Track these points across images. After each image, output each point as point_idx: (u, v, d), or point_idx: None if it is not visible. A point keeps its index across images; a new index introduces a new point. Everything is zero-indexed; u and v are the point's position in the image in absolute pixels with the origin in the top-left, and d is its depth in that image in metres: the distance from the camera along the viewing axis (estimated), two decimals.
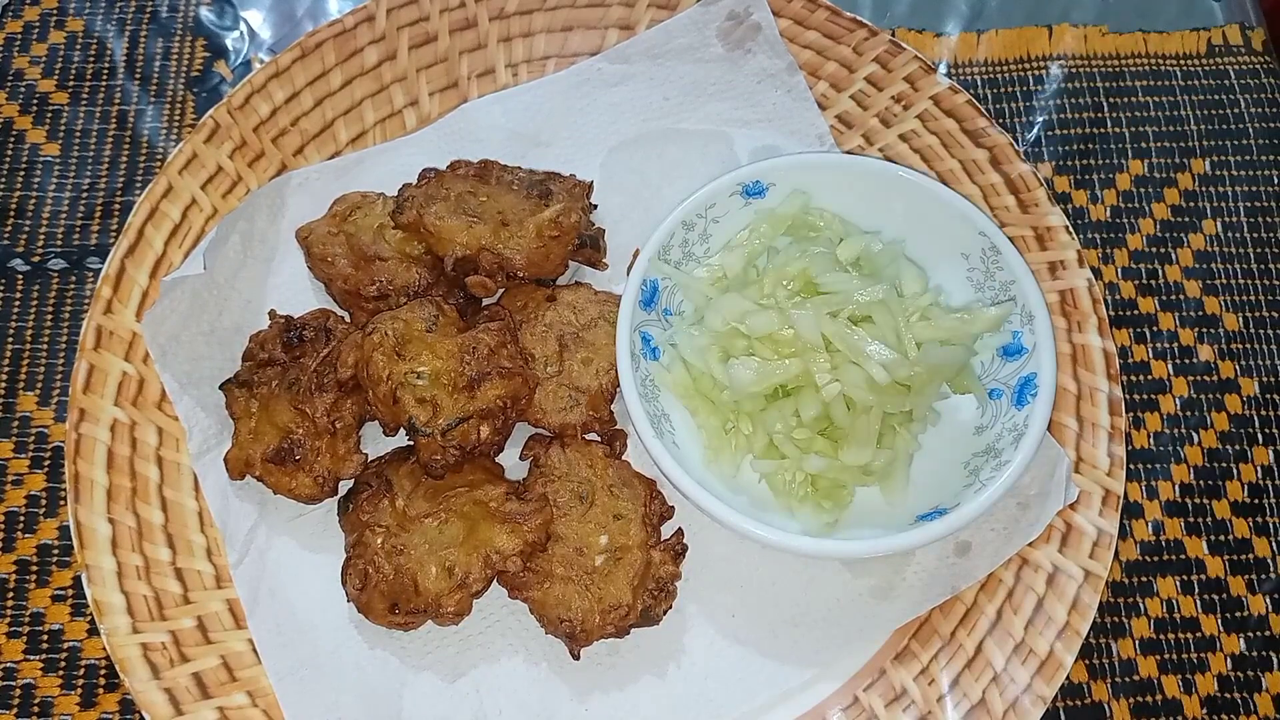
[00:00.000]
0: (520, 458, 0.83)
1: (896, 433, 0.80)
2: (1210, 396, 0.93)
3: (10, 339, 0.93)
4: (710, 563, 0.82)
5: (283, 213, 0.92)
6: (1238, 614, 0.86)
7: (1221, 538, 0.89)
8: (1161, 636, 0.86)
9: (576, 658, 0.77)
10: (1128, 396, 0.92)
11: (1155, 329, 0.95)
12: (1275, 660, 0.85)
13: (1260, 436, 0.92)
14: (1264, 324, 0.95)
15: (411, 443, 0.78)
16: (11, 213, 0.97)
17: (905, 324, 0.80)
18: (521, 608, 0.79)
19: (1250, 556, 0.88)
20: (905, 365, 0.77)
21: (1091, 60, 1.05)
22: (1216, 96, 1.03)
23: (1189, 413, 0.92)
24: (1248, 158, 1.01)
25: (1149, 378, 0.93)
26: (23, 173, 0.99)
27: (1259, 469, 0.91)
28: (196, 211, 0.92)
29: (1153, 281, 0.97)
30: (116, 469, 0.84)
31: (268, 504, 0.83)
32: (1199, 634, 0.86)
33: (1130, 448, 0.90)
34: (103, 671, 0.83)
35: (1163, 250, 0.98)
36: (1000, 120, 1.02)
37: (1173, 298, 0.96)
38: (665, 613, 0.78)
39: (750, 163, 0.87)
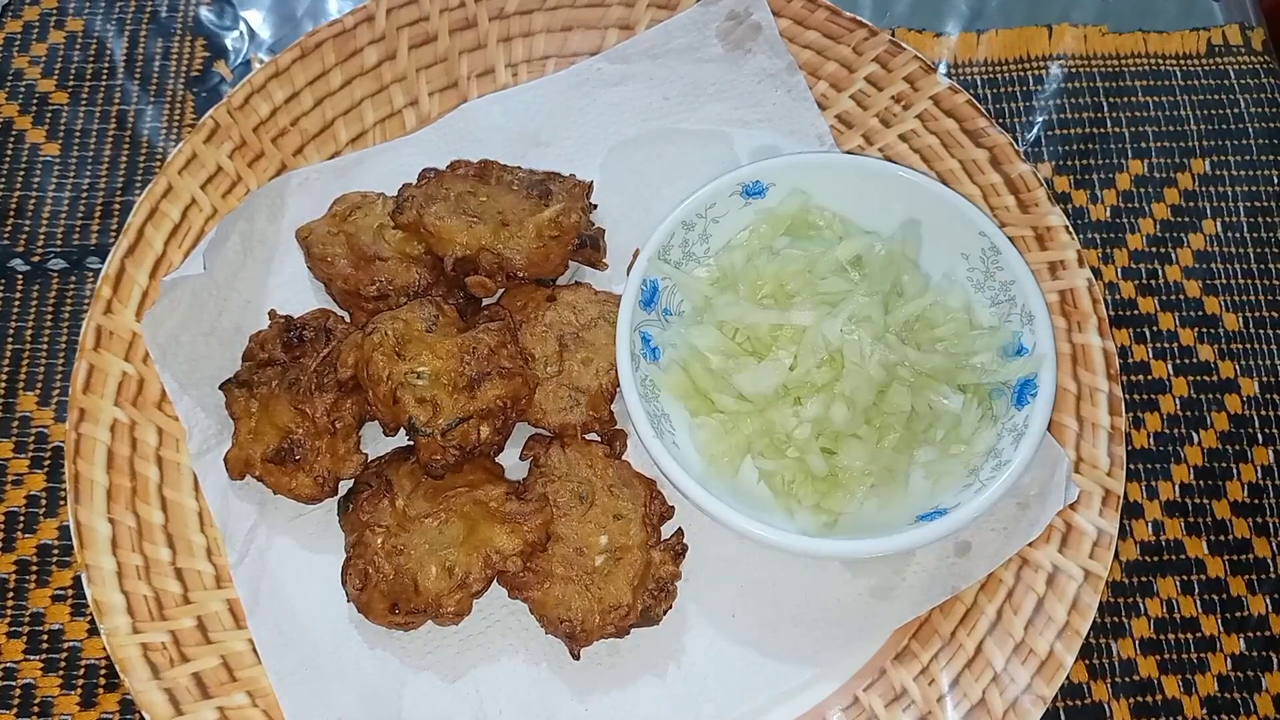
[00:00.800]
0: (520, 458, 0.83)
1: (896, 433, 0.80)
2: (1210, 396, 0.93)
3: (10, 339, 0.93)
4: (710, 563, 0.82)
5: (283, 213, 0.92)
6: (1238, 614, 0.86)
7: (1221, 538, 0.89)
8: (1161, 636, 0.86)
9: (576, 658, 0.77)
10: (1128, 396, 0.92)
11: (1155, 329, 0.95)
12: (1275, 660, 0.85)
13: (1260, 436, 0.92)
14: (1264, 324, 0.95)
15: (411, 443, 0.78)
16: (11, 213, 0.97)
17: (906, 325, 0.80)
18: (521, 608, 0.79)
19: (1250, 556, 0.88)
20: (905, 367, 0.77)
21: (1091, 60, 1.05)
22: (1216, 96, 1.03)
23: (1189, 413, 0.92)
24: (1248, 158, 1.01)
25: (1149, 378, 0.93)
26: (23, 173, 0.99)
27: (1259, 469, 0.91)
28: (196, 211, 0.92)
29: (1153, 281, 0.97)
30: (116, 469, 0.84)
31: (268, 504, 0.83)
32: (1199, 634, 0.86)
33: (1130, 448, 0.89)
34: (103, 671, 0.83)
35: (1163, 250, 0.98)
36: (1000, 120, 1.02)
37: (1173, 298, 0.96)
38: (665, 613, 0.78)
39: (750, 163, 0.87)
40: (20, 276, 0.95)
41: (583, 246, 0.86)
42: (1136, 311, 0.96)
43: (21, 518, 0.88)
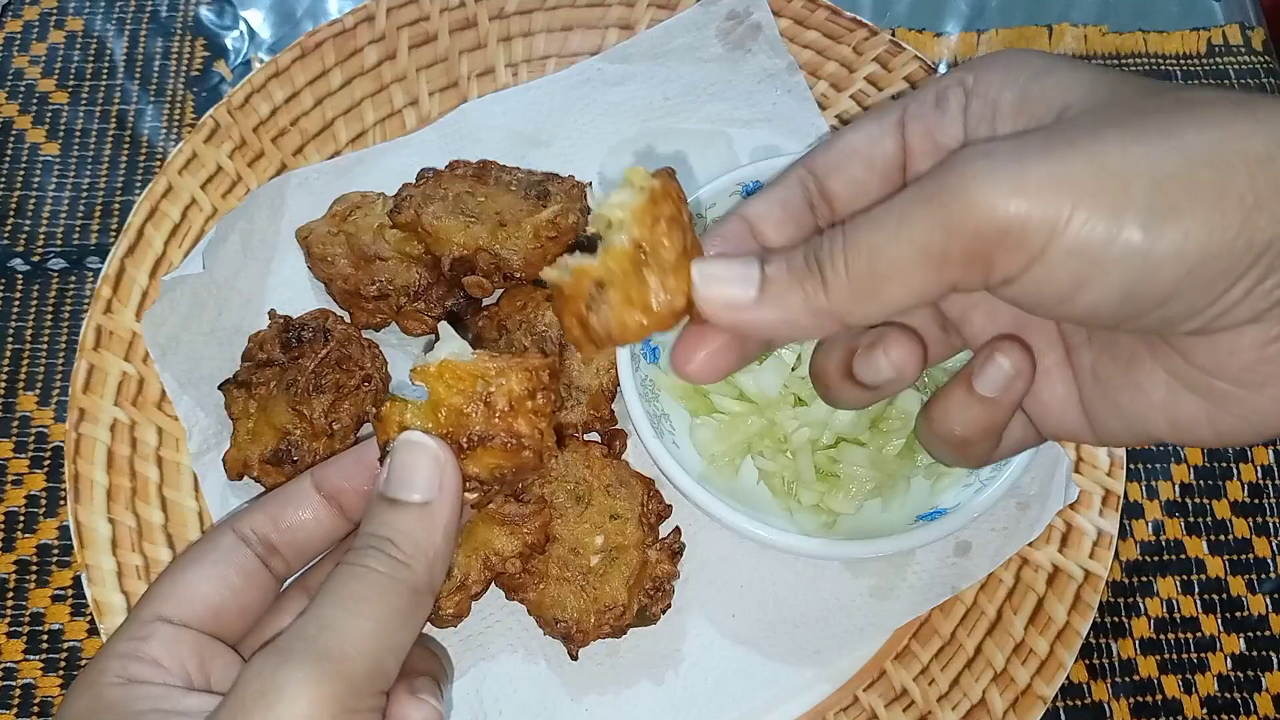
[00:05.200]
0: None
1: (901, 438, 0.79)
2: None
3: (10, 339, 0.93)
4: (710, 563, 0.82)
5: (282, 212, 0.92)
6: (1238, 614, 0.86)
7: (1221, 538, 0.89)
8: (1161, 636, 0.86)
9: (575, 658, 0.77)
10: None
11: None
12: (1275, 660, 0.85)
13: None
14: None
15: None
16: (11, 212, 0.97)
17: None
18: (520, 608, 0.79)
19: (1250, 556, 0.88)
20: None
21: (1091, 60, 1.05)
22: None
23: None
24: None
25: None
26: (22, 172, 0.99)
27: (1259, 469, 0.91)
28: (196, 211, 0.92)
29: None
30: (116, 469, 0.84)
31: None
32: (1199, 634, 0.86)
33: (1130, 448, 0.89)
34: None
35: None
36: None
37: None
38: (663, 612, 0.78)
39: (750, 163, 0.87)
40: (20, 276, 0.95)
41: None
42: None
43: (21, 518, 0.88)
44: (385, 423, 0.52)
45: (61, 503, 0.88)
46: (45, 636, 0.84)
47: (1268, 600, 0.87)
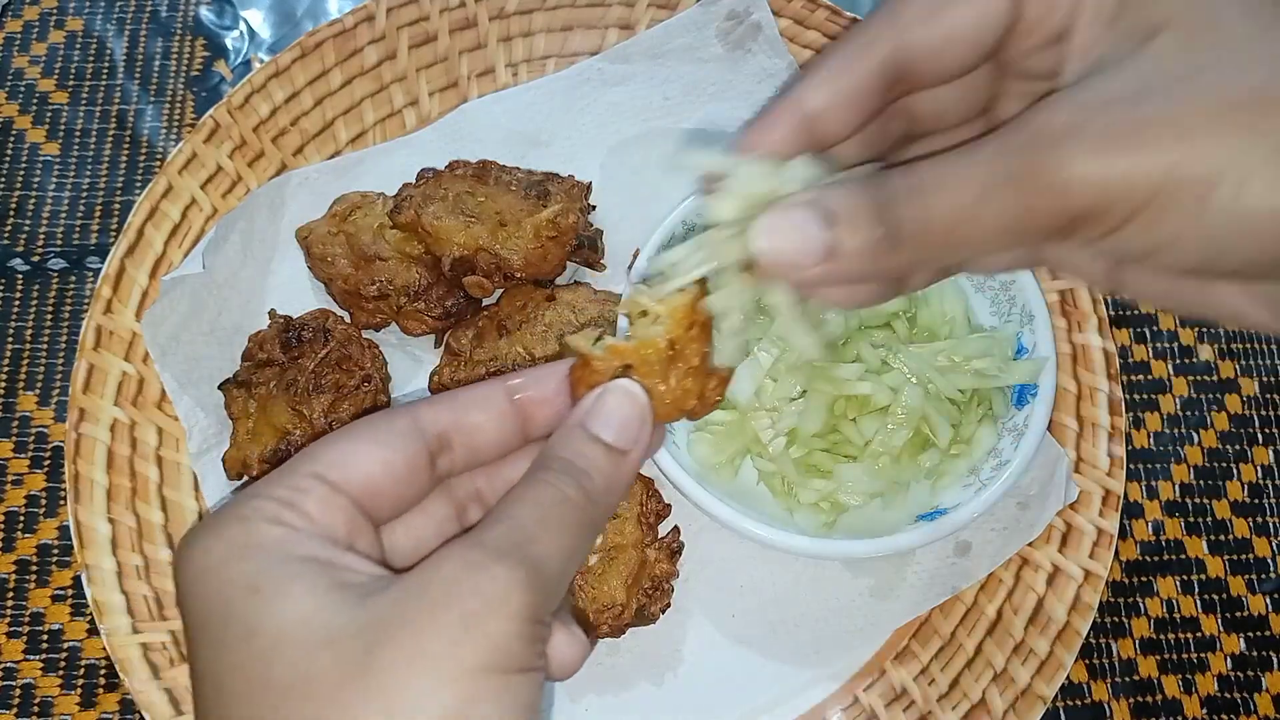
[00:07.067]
0: None
1: (901, 447, 0.79)
2: (1210, 396, 0.93)
3: (10, 339, 0.93)
4: (709, 563, 0.82)
5: (282, 212, 0.92)
6: (1238, 614, 0.87)
7: (1221, 538, 0.89)
8: (1161, 636, 0.86)
9: None
10: (1128, 396, 0.92)
11: (1155, 329, 0.95)
12: (1275, 660, 0.85)
13: (1260, 436, 0.92)
14: None
15: None
16: (11, 212, 0.97)
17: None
18: None
19: (1250, 556, 0.88)
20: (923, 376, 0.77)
21: None
22: None
23: (1189, 413, 0.92)
24: None
25: (1149, 378, 0.93)
26: (22, 172, 0.99)
27: (1259, 469, 0.91)
28: (196, 211, 0.92)
29: None
30: (116, 469, 0.84)
31: None
32: (1199, 634, 0.86)
33: (1130, 448, 0.90)
34: (103, 671, 0.83)
35: None
36: None
37: None
38: (662, 611, 0.78)
39: None
40: (20, 276, 0.95)
41: (580, 247, 0.86)
42: (1136, 311, 0.96)
43: (21, 518, 0.88)
44: (594, 365, 0.52)
45: (61, 503, 0.88)
46: (45, 636, 0.84)
47: (1268, 600, 0.87)
